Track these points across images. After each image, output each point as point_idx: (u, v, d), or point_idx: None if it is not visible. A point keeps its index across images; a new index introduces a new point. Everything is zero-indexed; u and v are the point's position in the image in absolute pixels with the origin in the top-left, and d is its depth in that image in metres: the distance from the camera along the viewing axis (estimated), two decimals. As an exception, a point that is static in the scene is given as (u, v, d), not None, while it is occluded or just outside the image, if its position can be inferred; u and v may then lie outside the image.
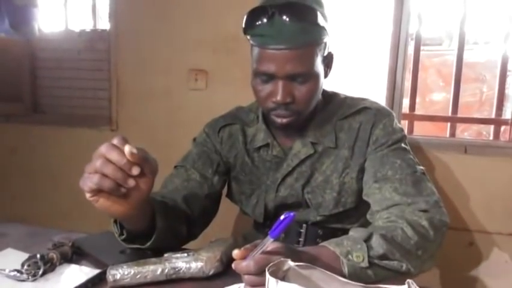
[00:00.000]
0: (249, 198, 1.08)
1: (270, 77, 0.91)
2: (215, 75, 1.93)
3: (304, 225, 1.05)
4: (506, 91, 1.77)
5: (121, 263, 0.77)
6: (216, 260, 0.79)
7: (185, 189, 1.01)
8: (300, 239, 1.05)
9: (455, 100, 1.77)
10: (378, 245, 0.76)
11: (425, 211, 0.86)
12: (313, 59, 0.90)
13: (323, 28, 0.91)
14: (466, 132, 3.13)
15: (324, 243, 0.76)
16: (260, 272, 0.64)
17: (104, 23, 2.11)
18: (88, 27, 2.15)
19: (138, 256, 0.82)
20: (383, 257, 0.76)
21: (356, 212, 1.03)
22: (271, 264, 0.60)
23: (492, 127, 1.79)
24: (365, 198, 0.98)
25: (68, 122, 2.16)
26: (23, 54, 2.19)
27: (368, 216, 0.96)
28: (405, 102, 1.82)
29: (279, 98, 0.90)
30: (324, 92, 1.05)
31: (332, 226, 1.04)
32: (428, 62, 3.59)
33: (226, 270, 0.80)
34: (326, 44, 0.94)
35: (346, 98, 1.08)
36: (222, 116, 1.17)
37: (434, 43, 3.63)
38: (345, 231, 0.99)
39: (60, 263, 0.82)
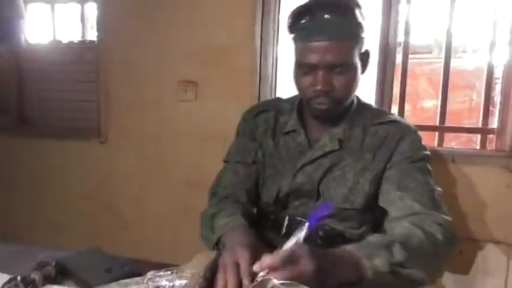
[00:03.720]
0: (266, 180, 1.13)
1: (311, 68, 0.99)
2: (204, 87, 1.93)
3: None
4: (494, 99, 1.79)
5: (106, 282, 0.76)
6: (200, 276, 0.78)
7: (238, 183, 1.11)
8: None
9: (443, 109, 1.78)
10: (398, 252, 0.79)
11: (441, 226, 0.91)
12: (351, 51, 0.99)
13: (360, 24, 0.99)
14: (457, 140, 3.15)
15: (347, 246, 0.79)
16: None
17: (93, 34, 2.10)
18: (76, 38, 2.13)
19: (123, 274, 0.81)
20: (401, 264, 0.79)
21: (360, 216, 1.07)
22: (254, 283, 0.61)
23: (479, 136, 1.79)
24: (383, 205, 1.03)
25: (56, 135, 2.15)
26: (10, 66, 2.18)
27: (385, 224, 1.00)
28: (395, 110, 1.84)
29: (319, 86, 0.98)
30: (358, 99, 1.13)
31: (334, 227, 1.06)
32: (418, 70, 3.62)
33: (210, 286, 0.79)
34: (362, 40, 1.02)
35: (377, 108, 1.19)
36: (262, 103, 1.33)
37: (424, 51, 3.66)
38: (343, 237, 1.06)
39: (43, 284, 0.80)
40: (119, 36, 2.00)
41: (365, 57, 1.05)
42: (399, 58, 1.79)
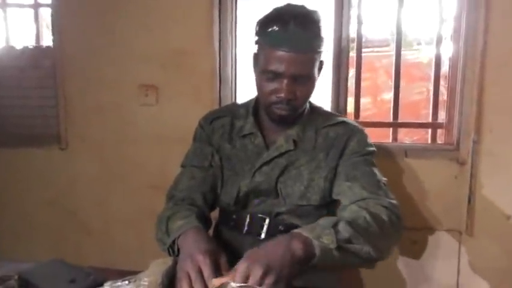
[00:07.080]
0: (226, 182, 1.17)
1: (276, 76, 1.04)
2: (165, 90, 1.93)
3: (267, 219, 1.13)
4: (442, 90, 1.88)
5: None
6: (158, 284, 0.80)
7: (194, 187, 1.14)
8: (262, 232, 1.13)
9: (396, 105, 1.85)
10: (344, 230, 0.86)
11: (386, 208, 0.99)
12: (314, 64, 1.06)
13: (323, 39, 1.06)
14: (417, 134, 3.27)
15: (298, 230, 0.85)
16: None
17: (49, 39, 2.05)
18: (31, 43, 2.08)
19: (88, 284, 0.83)
20: (348, 240, 0.85)
21: (317, 211, 1.13)
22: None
23: (430, 130, 1.88)
24: (336, 197, 1.11)
25: (15, 142, 2.09)
26: (-38, 75, 2.09)
27: (337, 213, 1.06)
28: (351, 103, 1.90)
29: (283, 94, 1.04)
30: (311, 103, 1.20)
31: (293, 222, 1.12)
32: (378, 63, 3.73)
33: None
34: (322, 52, 1.08)
35: (327, 111, 1.25)
36: (217, 109, 1.36)
37: (382, 45, 3.77)
38: None
39: (6, 299, 0.80)
40: (77, 40, 1.97)
41: (320, 66, 1.11)
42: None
